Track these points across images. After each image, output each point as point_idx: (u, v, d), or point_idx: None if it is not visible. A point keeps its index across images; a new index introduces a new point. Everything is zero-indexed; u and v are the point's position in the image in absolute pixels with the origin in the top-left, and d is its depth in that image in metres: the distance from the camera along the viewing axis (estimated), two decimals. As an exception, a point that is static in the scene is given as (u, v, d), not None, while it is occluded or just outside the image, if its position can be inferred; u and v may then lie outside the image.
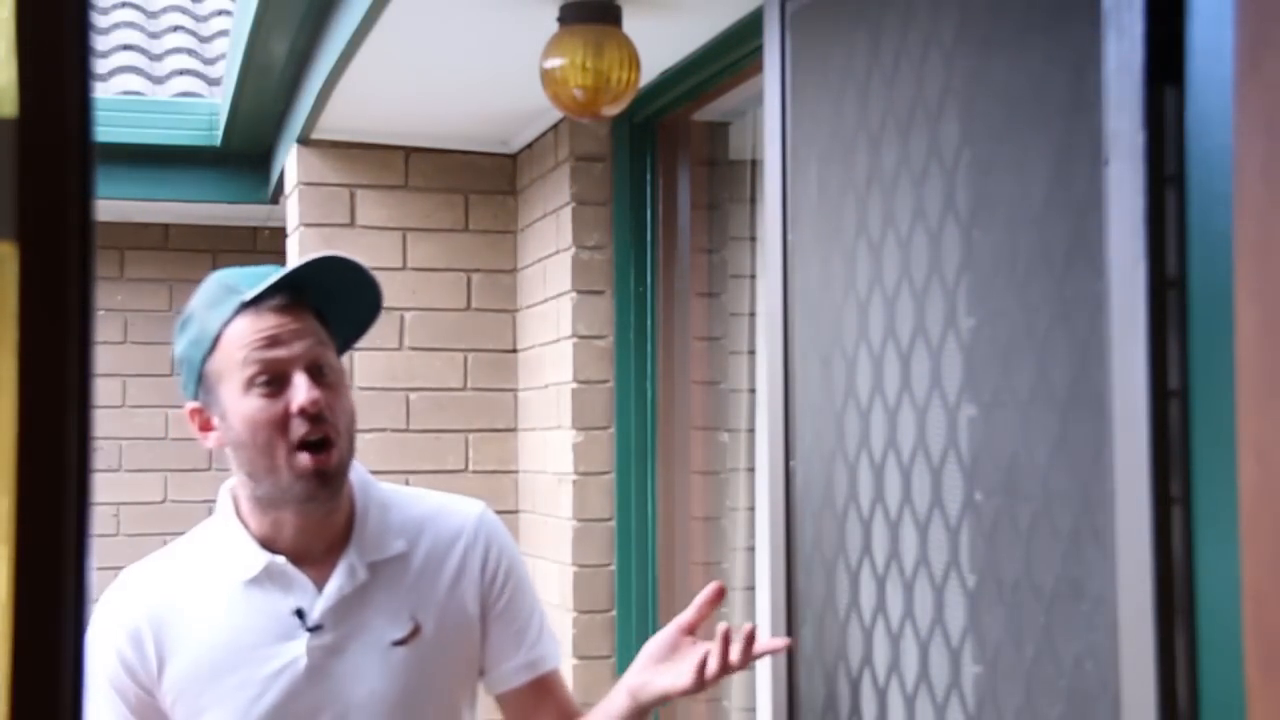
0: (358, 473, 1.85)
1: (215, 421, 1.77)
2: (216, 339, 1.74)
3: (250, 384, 1.72)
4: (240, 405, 1.72)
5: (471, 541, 1.87)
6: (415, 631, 1.80)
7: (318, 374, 1.73)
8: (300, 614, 1.77)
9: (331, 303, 1.80)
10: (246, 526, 1.80)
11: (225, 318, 1.73)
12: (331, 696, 1.77)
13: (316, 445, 1.72)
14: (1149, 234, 1.45)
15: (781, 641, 1.95)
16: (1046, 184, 1.63)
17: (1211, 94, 1.38)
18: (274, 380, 1.72)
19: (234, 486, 1.83)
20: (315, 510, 1.77)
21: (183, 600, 1.80)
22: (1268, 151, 1.23)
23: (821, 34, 2.12)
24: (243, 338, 1.72)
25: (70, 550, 0.57)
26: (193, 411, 1.79)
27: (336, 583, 1.79)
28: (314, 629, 1.77)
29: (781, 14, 2.20)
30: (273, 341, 1.72)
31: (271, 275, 1.75)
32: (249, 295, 1.73)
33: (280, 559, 1.78)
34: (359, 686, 1.77)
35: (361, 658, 1.78)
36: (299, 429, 1.71)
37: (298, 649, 1.76)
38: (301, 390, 1.71)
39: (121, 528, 5.40)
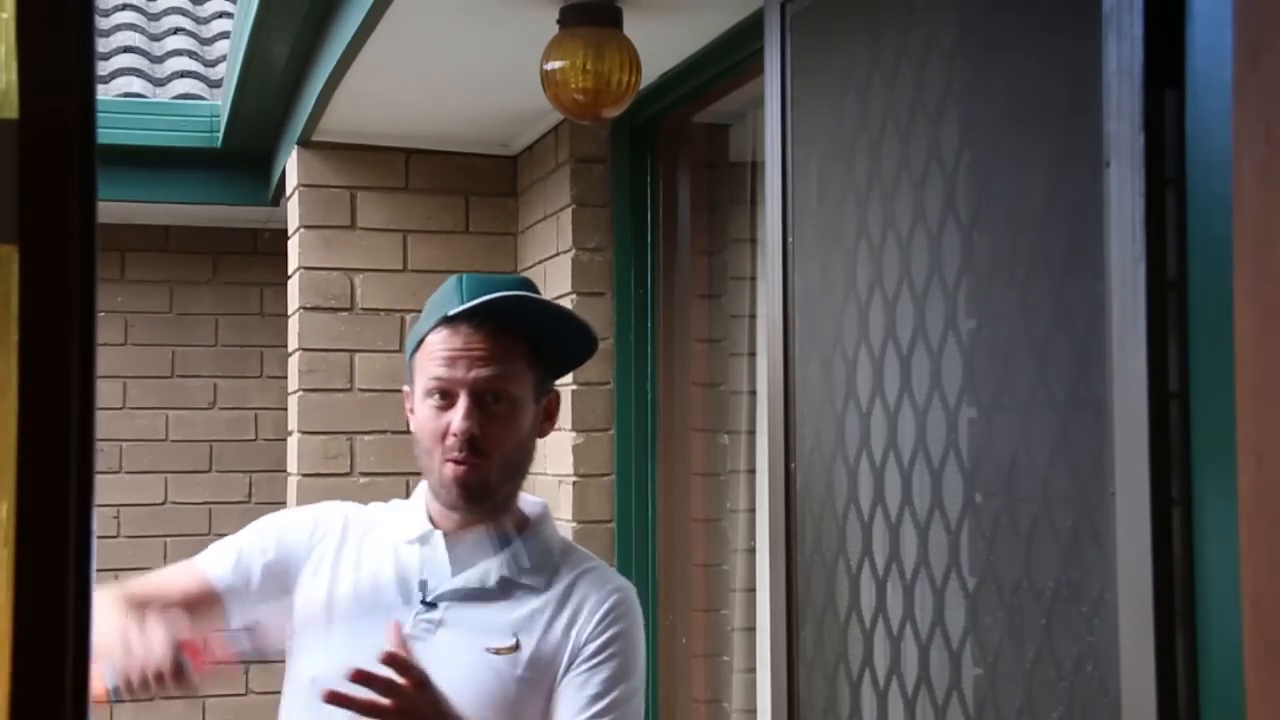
0: (543, 508, 1.99)
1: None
2: (421, 340, 1.91)
3: (428, 393, 1.88)
4: (419, 406, 1.90)
5: (601, 602, 1.90)
6: (515, 647, 1.86)
7: (488, 401, 1.85)
8: (424, 586, 1.88)
9: (548, 336, 1.92)
10: (428, 506, 1.95)
11: (433, 324, 1.89)
12: None
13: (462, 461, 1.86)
14: (1149, 236, 1.45)
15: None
16: (1046, 186, 1.63)
17: (1211, 97, 1.39)
18: (445, 395, 1.86)
19: None
20: (461, 517, 1.90)
21: (354, 535, 1.97)
22: (1267, 154, 1.23)
23: (822, 36, 2.12)
24: (432, 349, 1.88)
25: (71, 552, 0.57)
26: (405, 393, 1.98)
27: (466, 575, 1.90)
28: (428, 603, 1.87)
29: (782, 16, 2.20)
30: (451, 360, 1.86)
31: (485, 296, 1.85)
32: (452, 311, 1.85)
33: (439, 533, 1.92)
34: (441, 673, 1.79)
35: (456, 649, 1.85)
36: (451, 449, 1.85)
37: (405, 614, 1.86)
38: (459, 415, 1.85)
39: (122, 530, 5.40)
